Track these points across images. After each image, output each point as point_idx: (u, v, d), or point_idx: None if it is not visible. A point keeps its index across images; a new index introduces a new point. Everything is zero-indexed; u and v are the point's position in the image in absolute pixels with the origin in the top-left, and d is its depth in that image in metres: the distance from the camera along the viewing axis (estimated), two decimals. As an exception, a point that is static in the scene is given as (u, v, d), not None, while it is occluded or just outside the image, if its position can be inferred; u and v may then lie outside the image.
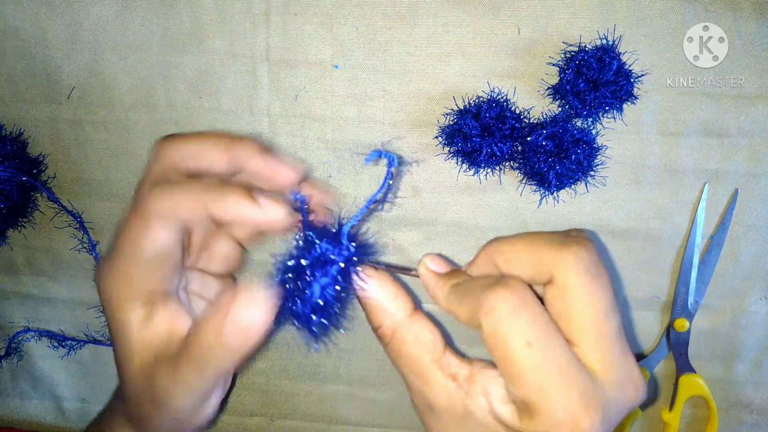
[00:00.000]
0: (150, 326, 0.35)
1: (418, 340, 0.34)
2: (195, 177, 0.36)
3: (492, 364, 0.33)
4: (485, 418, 0.32)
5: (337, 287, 0.33)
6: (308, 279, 0.33)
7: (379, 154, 0.34)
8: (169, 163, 0.36)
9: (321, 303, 0.33)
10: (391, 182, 0.34)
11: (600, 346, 0.30)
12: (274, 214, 0.33)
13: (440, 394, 0.33)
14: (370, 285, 0.34)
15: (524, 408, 0.30)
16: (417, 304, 0.36)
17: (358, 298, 0.35)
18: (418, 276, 0.37)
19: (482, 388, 0.32)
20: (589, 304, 0.30)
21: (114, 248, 0.35)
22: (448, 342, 0.35)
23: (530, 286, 0.32)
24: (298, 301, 0.33)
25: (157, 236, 0.34)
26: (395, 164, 0.34)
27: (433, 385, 0.33)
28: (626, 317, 0.51)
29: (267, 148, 0.36)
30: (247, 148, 0.36)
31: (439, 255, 0.37)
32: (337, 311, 0.34)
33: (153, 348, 0.36)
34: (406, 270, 0.38)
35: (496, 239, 0.34)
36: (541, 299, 0.32)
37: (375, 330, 0.36)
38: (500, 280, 0.31)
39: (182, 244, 0.36)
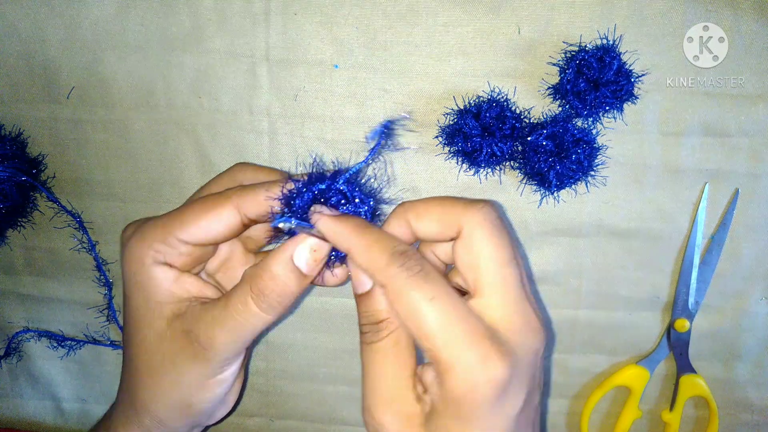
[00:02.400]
0: (180, 283, 0.37)
1: (409, 347, 0.33)
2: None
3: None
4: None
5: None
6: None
7: (378, 132, 0.36)
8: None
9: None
10: (385, 138, 0.37)
11: (503, 292, 0.32)
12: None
13: (406, 412, 0.32)
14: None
15: (438, 368, 0.31)
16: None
17: (358, 297, 0.35)
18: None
19: (427, 383, 0.32)
20: (493, 253, 0.32)
21: (171, 214, 0.37)
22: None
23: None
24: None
25: (221, 218, 0.35)
26: (389, 126, 0.37)
27: (404, 402, 0.32)
28: (627, 317, 0.51)
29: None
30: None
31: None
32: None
33: (187, 300, 0.36)
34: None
35: (407, 201, 0.36)
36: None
37: (376, 323, 0.34)
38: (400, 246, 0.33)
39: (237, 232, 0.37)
